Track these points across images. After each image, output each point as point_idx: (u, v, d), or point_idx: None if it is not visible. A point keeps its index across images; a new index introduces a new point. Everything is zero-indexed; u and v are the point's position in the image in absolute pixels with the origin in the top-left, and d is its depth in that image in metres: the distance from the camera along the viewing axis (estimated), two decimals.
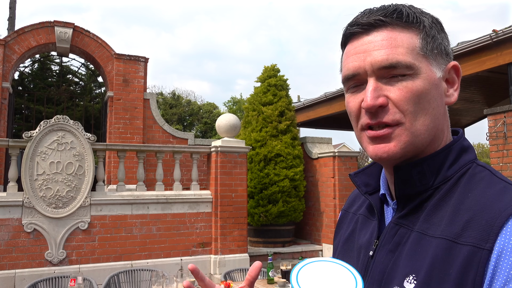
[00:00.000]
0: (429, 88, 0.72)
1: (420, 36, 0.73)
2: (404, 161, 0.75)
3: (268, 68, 9.14)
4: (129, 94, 8.72)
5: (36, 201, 5.81)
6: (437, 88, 0.74)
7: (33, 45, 8.29)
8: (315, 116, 11.36)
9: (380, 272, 0.74)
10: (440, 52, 0.75)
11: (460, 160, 0.74)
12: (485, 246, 0.60)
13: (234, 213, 6.99)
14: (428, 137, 0.73)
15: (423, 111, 0.72)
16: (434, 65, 0.74)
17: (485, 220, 0.62)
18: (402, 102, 0.71)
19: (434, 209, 0.71)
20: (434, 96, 0.73)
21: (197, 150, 7.22)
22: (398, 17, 0.73)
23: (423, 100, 0.72)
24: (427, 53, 0.73)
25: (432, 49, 0.74)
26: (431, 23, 0.75)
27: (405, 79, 0.71)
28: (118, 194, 6.42)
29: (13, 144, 5.91)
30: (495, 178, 0.69)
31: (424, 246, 0.68)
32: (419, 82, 0.71)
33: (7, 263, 5.66)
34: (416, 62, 0.72)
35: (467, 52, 7.10)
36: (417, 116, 0.72)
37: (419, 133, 0.72)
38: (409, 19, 0.74)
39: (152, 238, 6.52)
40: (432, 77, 0.73)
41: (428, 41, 0.74)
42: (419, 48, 0.73)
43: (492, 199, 0.64)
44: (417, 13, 0.75)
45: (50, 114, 11.30)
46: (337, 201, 8.09)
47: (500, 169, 6.14)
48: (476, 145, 32.30)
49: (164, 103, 26.06)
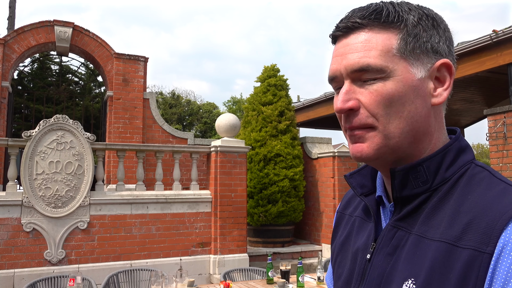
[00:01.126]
0: (403, 90, 0.70)
1: (399, 36, 0.71)
2: (396, 163, 0.74)
3: (268, 68, 9.14)
4: (129, 94, 8.72)
5: (35, 201, 5.81)
6: (415, 90, 0.71)
7: (32, 44, 8.28)
8: (314, 116, 11.36)
9: (378, 276, 0.72)
10: (424, 51, 0.72)
11: (459, 160, 0.73)
12: (486, 249, 0.59)
13: (234, 213, 6.98)
14: (405, 140, 0.72)
15: (396, 114, 0.70)
16: (415, 66, 0.71)
17: (486, 223, 0.61)
18: (372, 106, 0.71)
19: (433, 211, 0.69)
20: (410, 98, 0.71)
21: (196, 150, 7.22)
22: (376, 18, 0.72)
23: (396, 103, 0.70)
24: (405, 53, 0.71)
25: (414, 49, 0.71)
26: (418, 21, 0.72)
27: (376, 82, 0.71)
28: (117, 193, 6.42)
29: (13, 144, 5.90)
30: (494, 179, 0.67)
31: (423, 250, 0.66)
32: (390, 85, 0.70)
33: (6, 263, 5.66)
34: (390, 64, 0.70)
35: (467, 52, 7.09)
36: (390, 119, 0.70)
37: (392, 136, 0.71)
38: (388, 19, 0.72)
39: (152, 238, 6.51)
40: (408, 79, 0.71)
41: (409, 41, 0.71)
42: (395, 49, 0.71)
43: (492, 201, 0.63)
44: (401, 11, 0.72)
45: (50, 113, 11.29)
46: (336, 201, 8.09)
47: (500, 170, 6.14)
48: (476, 145, 32.34)
49: (163, 103, 26.06)
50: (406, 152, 0.73)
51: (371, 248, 0.77)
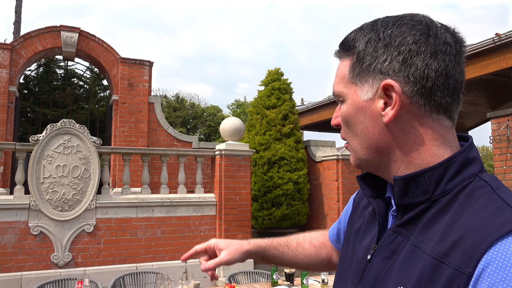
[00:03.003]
0: (353, 112, 0.78)
1: (350, 62, 0.78)
2: (384, 171, 0.79)
3: (271, 71, 9.19)
4: (134, 98, 8.79)
5: (42, 204, 5.87)
6: (362, 111, 0.76)
7: (39, 50, 8.37)
8: (318, 119, 11.38)
9: (374, 277, 0.75)
10: (370, 73, 0.74)
11: (462, 173, 0.72)
12: (466, 270, 0.60)
13: (238, 216, 7.02)
14: (369, 154, 0.78)
15: (352, 132, 0.80)
16: (363, 89, 0.75)
17: (470, 243, 0.61)
18: (342, 125, 0.82)
19: (430, 222, 0.70)
20: (360, 119, 0.77)
21: (201, 154, 7.26)
22: (342, 48, 0.80)
23: (350, 123, 0.79)
24: (353, 78, 0.77)
25: (360, 73, 0.76)
26: (365, 44, 0.74)
27: (341, 104, 0.81)
28: (123, 197, 6.47)
29: (20, 148, 5.97)
30: (494, 196, 0.66)
31: (415, 260, 0.68)
32: (345, 107, 0.79)
33: (13, 266, 5.72)
34: (345, 89, 0.79)
35: (470, 56, 7.11)
36: (351, 136, 0.81)
37: (357, 150, 0.80)
38: (346, 48, 0.79)
39: (157, 241, 6.56)
40: (356, 101, 0.77)
41: (356, 67, 0.76)
42: (347, 75, 0.78)
43: (483, 221, 0.63)
44: (356, 37, 0.76)
45: (56, 117, 11.38)
46: (340, 204, 8.10)
47: (503, 172, 6.14)
48: (480, 148, 32.18)
49: (168, 106, 26.15)
50: (382, 163, 0.78)
51: (373, 249, 0.80)
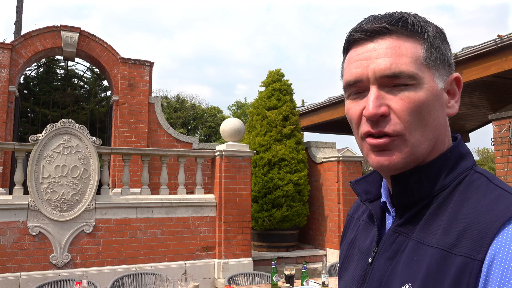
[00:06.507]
0: (431, 99, 0.72)
1: (424, 46, 0.73)
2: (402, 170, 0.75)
3: (272, 72, 9.17)
4: (134, 98, 8.77)
5: (41, 204, 5.85)
6: (438, 99, 0.73)
7: (39, 49, 8.35)
8: (319, 121, 11.36)
9: (378, 279, 0.74)
10: (443, 63, 0.75)
11: (458, 167, 0.74)
12: (477, 257, 0.60)
13: (238, 217, 6.99)
14: (428, 147, 0.73)
15: (423, 122, 0.71)
16: (436, 76, 0.73)
17: (478, 230, 0.62)
18: (404, 113, 0.71)
19: (432, 218, 0.71)
20: (435, 107, 0.73)
21: (201, 154, 7.24)
22: (403, 26, 0.73)
23: (424, 111, 0.71)
24: (430, 63, 0.72)
25: (436, 60, 0.73)
26: (435, 33, 0.75)
27: (408, 89, 0.71)
28: (122, 197, 6.45)
29: (20, 148, 5.95)
30: (491, 186, 0.68)
31: (420, 255, 0.68)
32: (421, 93, 0.71)
33: (12, 266, 5.69)
34: (419, 72, 0.71)
35: (472, 57, 7.08)
36: (418, 127, 0.71)
37: (419, 143, 0.72)
38: (414, 28, 0.73)
39: (156, 242, 6.54)
40: (434, 88, 0.73)
41: (432, 51, 0.73)
42: (422, 58, 0.72)
43: (486, 208, 0.64)
44: (422, 22, 0.74)
45: (56, 117, 11.36)
46: (341, 206, 8.07)
47: (505, 175, 6.11)
48: (481, 150, 32.15)
49: (168, 107, 26.14)
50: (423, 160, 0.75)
51: (373, 252, 0.79)
